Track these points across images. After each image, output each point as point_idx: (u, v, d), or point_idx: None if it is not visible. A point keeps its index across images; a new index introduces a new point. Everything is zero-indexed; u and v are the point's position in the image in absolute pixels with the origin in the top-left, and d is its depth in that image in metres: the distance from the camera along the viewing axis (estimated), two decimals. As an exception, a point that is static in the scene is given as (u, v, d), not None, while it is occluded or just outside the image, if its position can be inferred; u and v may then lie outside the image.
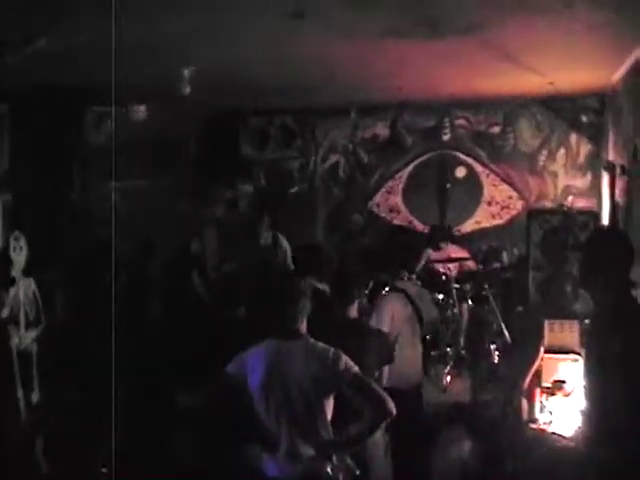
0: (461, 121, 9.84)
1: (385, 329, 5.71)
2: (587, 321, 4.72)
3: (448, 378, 7.35)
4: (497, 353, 7.53)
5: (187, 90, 6.63)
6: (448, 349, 7.17)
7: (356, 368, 3.96)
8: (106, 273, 6.41)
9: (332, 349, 3.97)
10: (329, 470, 3.97)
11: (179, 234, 8.23)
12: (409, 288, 6.05)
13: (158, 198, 8.67)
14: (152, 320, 7.29)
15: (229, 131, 10.30)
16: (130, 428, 5.71)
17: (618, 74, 7.29)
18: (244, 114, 10.29)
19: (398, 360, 5.83)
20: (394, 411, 3.94)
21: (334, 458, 3.99)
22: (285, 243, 8.23)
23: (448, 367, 7.30)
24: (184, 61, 6.48)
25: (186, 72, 6.53)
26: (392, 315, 5.76)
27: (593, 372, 3.65)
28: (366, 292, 7.40)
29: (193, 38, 5.71)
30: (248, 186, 9.77)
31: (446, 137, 9.86)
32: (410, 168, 10.01)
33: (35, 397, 6.07)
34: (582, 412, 3.90)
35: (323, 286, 5.28)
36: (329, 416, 4.03)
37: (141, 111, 8.69)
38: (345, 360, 3.94)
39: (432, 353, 7.36)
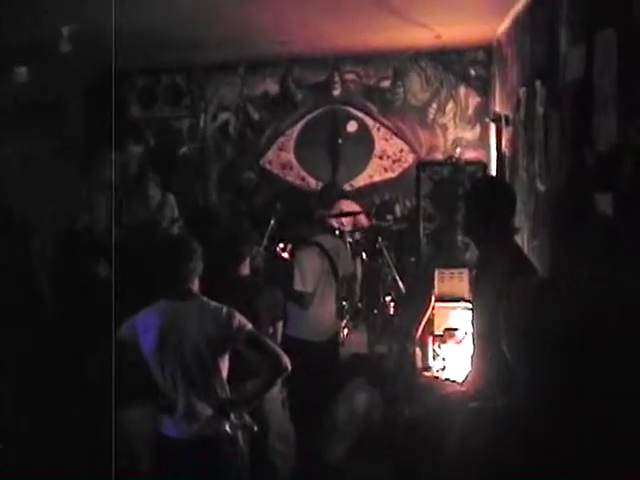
0: (351, 76, 9.83)
1: (309, 282, 5.81)
2: (476, 269, 4.82)
3: (345, 331, 7.44)
4: (392, 305, 7.66)
5: (68, 49, 6.41)
6: (344, 303, 7.23)
7: (250, 325, 3.97)
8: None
9: (225, 307, 3.97)
10: (227, 428, 3.99)
11: (67, 201, 8.01)
12: (325, 241, 6.13)
13: (42, 164, 8.40)
14: (44, 291, 7.15)
15: (115, 90, 10.03)
16: (28, 399, 5.62)
17: (503, 26, 7.40)
18: (130, 72, 10.04)
19: (315, 313, 5.94)
20: (289, 367, 3.99)
21: (232, 416, 4.01)
22: (172, 200, 8.09)
23: (345, 321, 7.38)
24: (63, 19, 6.26)
25: (65, 30, 6.30)
26: (312, 268, 5.85)
27: (481, 319, 3.76)
28: (282, 246, 7.44)
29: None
30: (137, 147, 9.55)
31: (336, 92, 9.85)
32: (301, 124, 9.97)
33: None
34: (472, 358, 4.00)
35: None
36: (225, 374, 4.04)
37: (22, 73, 8.39)
38: (238, 318, 3.95)
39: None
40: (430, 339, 5.34)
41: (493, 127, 7.98)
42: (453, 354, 5.17)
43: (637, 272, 2.70)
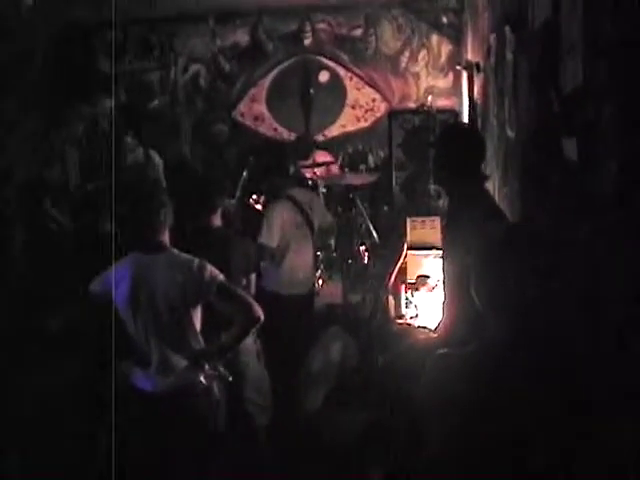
0: (322, 25, 9.73)
1: (274, 237, 5.81)
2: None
3: (320, 282, 7.47)
4: (366, 254, 7.69)
5: (30, 1, 6.29)
6: (319, 253, 7.25)
7: (222, 276, 3.98)
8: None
9: (197, 259, 3.97)
10: (202, 379, 4.01)
11: (37, 157, 7.92)
12: (298, 195, 6.12)
13: (11, 120, 8.27)
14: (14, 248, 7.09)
15: (83, 44, 9.87)
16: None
17: (473, -28, 7.34)
18: (97, 25, 9.86)
19: (289, 267, 5.96)
20: (262, 317, 4.00)
21: (206, 367, 4.03)
22: (157, 158, 8.07)
23: (319, 271, 7.40)
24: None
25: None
26: (281, 223, 5.84)
27: (451, 266, 3.78)
28: (255, 198, 7.44)
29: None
30: (108, 101, 9.42)
31: (307, 41, 9.75)
32: (273, 74, 9.87)
33: None
34: (444, 305, 4.03)
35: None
36: (198, 326, 4.05)
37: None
38: (210, 269, 3.96)
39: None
40: (403, 287, 5.37)
41: (465, 75, 7.95)
42: (426, 302, 5.21)
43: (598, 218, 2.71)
